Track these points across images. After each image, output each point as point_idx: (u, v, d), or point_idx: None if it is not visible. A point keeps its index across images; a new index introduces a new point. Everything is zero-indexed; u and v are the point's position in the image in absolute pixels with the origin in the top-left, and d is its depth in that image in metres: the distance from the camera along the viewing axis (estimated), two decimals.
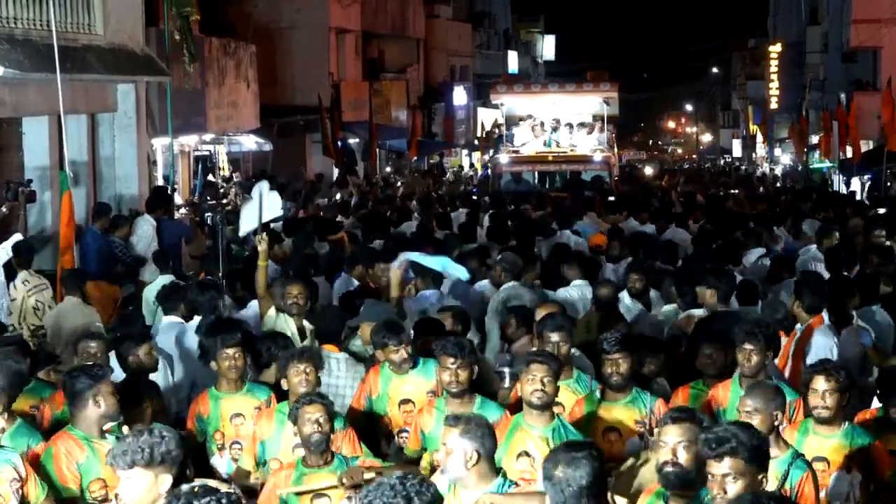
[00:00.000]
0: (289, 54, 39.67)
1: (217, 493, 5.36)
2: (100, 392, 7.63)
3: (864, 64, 47.93)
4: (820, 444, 7.75)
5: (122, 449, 6.13)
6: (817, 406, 7.81)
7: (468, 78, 62.35)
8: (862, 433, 7.93)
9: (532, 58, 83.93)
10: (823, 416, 7.79)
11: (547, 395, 7.88)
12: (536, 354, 8.21)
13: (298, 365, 8.47)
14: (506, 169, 29.48)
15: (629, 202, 22.80)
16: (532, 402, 7.88)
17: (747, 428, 6.20)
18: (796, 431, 7.89)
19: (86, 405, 7.66)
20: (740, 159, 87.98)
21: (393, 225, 19.53)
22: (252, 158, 38.17)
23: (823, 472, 7.64)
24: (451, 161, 56.71)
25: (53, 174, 18.73)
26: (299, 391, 8.41)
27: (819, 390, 7.80)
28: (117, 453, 6.14)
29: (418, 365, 9.34)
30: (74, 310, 13.14)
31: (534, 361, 7.96)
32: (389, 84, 48.78)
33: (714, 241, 16.43)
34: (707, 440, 6.03)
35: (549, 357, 8.13)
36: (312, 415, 7.61)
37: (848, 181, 38.79)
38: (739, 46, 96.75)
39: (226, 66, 31.10)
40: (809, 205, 23.53)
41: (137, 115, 22.74)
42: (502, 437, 7.86)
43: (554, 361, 8.05)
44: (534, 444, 7.83)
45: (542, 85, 37.15)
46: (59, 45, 15.79)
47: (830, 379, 7.80)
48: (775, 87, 74.67)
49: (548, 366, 7.91)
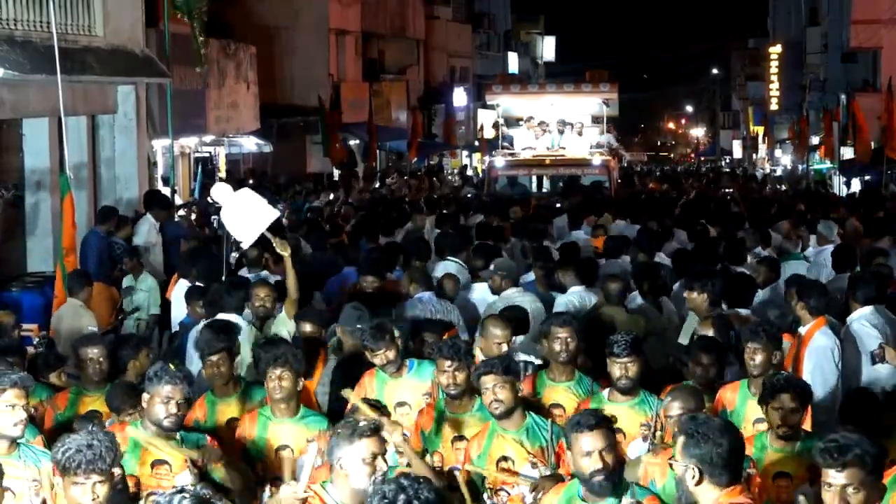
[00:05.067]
0: (288, 55, 39.70)
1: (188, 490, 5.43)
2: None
3: (863, 64, 47.97)
4: (780, 459, 7.65)
5: (92, 454, 6.09)
6: (781, 425, 7.68)
7: (468, 79, 62.38)
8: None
9: (532, 59, 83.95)
10: (787, 434, 7.70)
11: (503, 403, 7.84)
12: (483, 364, 8.15)
13: (274, 370, 8.42)
14: (501, 173, 28.32)
15: (625, 207, 22.35)
16: (494, 414, 7.89)
17: (864, 436, 5.95)
18: (751, 446, 7.68)
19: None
20: (741, 160, 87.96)
21: (390, 228, 19.40)
22: (252, 160, 38.22)
23: (787, 488, 7.57)
24: (452, 162, 56.73)
25: (53, 176, 18.74)
26: (275, 397, 8.35)
27: (785, 407, 7.69)
28: (90, 458, 6.11)
29: (413, 368, 9.31)
30: (75, 312, 13.15)
31: (483, 373, 7.93)
32: (389, 85, 48.79)
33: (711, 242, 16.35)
34: (827, 449, 5.77)
35: (496, 364, 8.04)
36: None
37: (848, 182, 38.80)
38: (739, 47, 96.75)
39: (225, 68, 31.15)
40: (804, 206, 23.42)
41: (137, 117, 22.75)
42: (481, 445, 7.91)
43: (500, 365, 7.98)
44: (511, 447, 7.85)
45: (540, 85, 36.84)
46: (59, 46, 15.77)
47: (796, 397, 7.70)
48: (775, 87, 74.71)
49: (495, 373, 7.86)
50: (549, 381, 9.06)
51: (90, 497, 5.98)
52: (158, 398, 7.58)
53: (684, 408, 7.50)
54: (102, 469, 6.00)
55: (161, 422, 7.59)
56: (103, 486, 6.03)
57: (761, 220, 19.12)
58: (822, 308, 10.41)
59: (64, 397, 9.18)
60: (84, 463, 5.96)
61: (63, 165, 17.41)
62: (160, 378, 7.60)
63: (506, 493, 7.83)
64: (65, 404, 9.09)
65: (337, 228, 19.42)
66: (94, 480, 6.00)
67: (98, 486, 6.01)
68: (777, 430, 7.74)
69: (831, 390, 9.95)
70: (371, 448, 6.53)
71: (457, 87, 59.41)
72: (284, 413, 8.41)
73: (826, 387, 9.87)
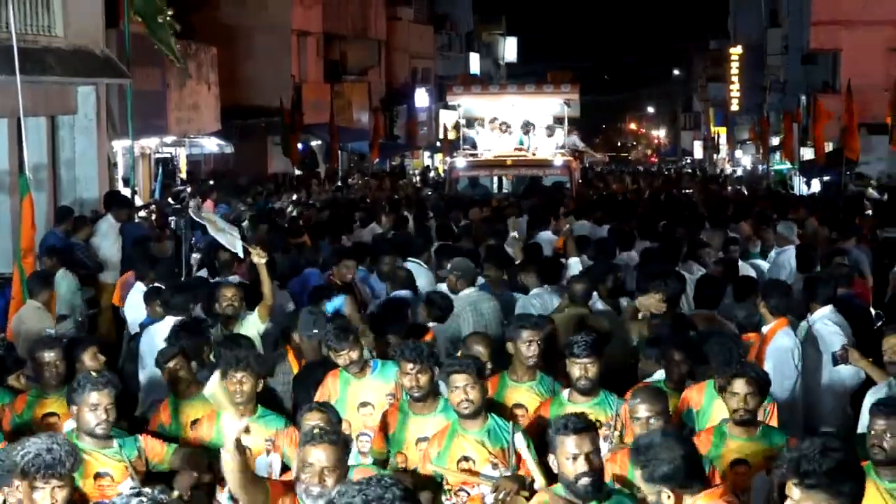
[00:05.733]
0: (250, 56, 39.60)
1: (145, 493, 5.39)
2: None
3: (823, 66, 48.22)
4: (739, 447, 7.73)
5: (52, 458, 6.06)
6: (738, 409, 7.80)
7: (430, 80, 62.42)
8: (778, 434, 7.98)
9: (494, 59, 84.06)
10: (744, 419, 7.80)
11: (473, 403, 7.84)
12: (454, 363, 8.13)
13: (235, 374, 8.37)
14: (462, 174, 28.11)
15: (587, 207, 22.38)
16: (462, 413, 7.88)
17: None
18: (712, 436, 7.88)
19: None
20: (701, 161, 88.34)
21: (352, 229, 19.38)
22: (213, 161, 38.12)
23: (745, 475, 7.66)
24: (414, 163, 56.74)
25: (13, 177, 18.63)
26: (236, 400, 8.16)
27: (740, 393, 7.81)
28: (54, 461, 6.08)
29: (376, 368, 9.29)
30: (33, 314, 13.07)
31: (453, 371, 7.91)
32: (351, 86, 48.74)
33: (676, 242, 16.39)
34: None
35: (468, 363, 8.04)
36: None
37: (808, 182, 39.02)
38: (700, 48, 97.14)
39: (187, 69, 31.01)
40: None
41: (98, 118, 22.64)
42: (441, 444, 7.90)
43: (473, 366, 7.99)
44: (472, 447, 7.84)
45: (501, 86, 36.63)
46: (19, 46, 15.67)
47: (752, 382, 7.83)
48: (736, 88, 75.12)
49: (467, 373, 7.86)
50: (512, 382, 9.08)
51: (49, 501, 5.94)
52: (86, 407, 7.57)
53: (651, 410, 7.56)
54: (62, 474, 5.96)
55: (93, 430, 7.56)
56: (62, 490, 5.99)
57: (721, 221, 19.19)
58: (783, 308, 10.46)
59: (22, 400, 9.11)
60: (43, 467, 5.92)
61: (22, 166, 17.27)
62: (83, 387, 7.58)
63: (466, 494, 7.82)
64: (23, 407, 9.02)
65: (298, 229, 19.37)
66: (54, 485, 5.96)
67: (57, 491, 5.97)
68: (733, 416, 7.84)
69: (790, 390, 10.01)
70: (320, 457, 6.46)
71: (419, 87, 59.46)
72: (244, 414, 8.37)
73: (785, 387, 9.91)
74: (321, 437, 6.48)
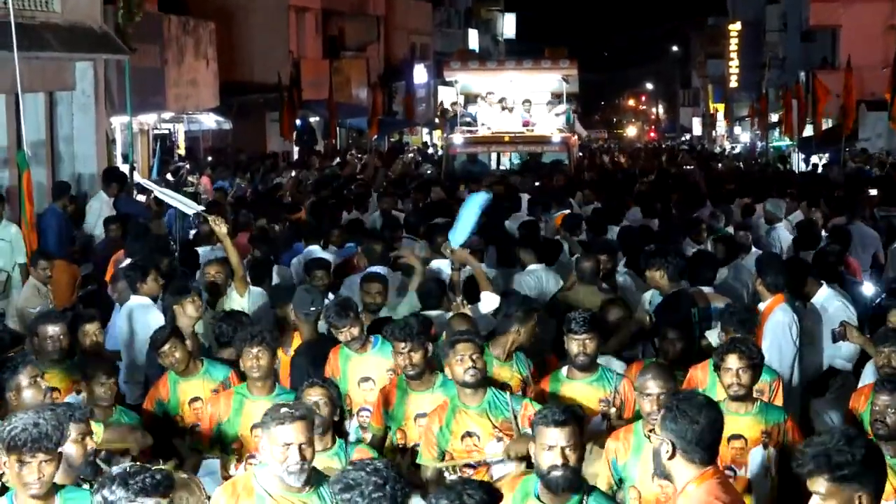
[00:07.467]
0: (248, 32, 39.46)
1: (148, 470, 5.41)
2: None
3: (822, 43, 48.18)
4: (735, 422, 7.66)
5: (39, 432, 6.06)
6: (732, 384, 7.80)
7: (428, 56, 62.24)
8: (774, 409, 7.99)
9: (492, 36, 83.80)
10: (739, 394, 7.80)
11: (479, 371, 7.88)
12: (461, 333, 8.21)
13: (251, 349, 8.42)
14: (460, 150, 27.92)
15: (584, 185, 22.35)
16: (467, 382, 7.87)
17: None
18: None
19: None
20: (700, 137, 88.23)
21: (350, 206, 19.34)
22: (211, 137, 38.08)
23: (742, 450, 7.67)
24: (413, 140, 56.65)
25: (11, 153, 18.61)
26: (253, 375, 8.39)
27: (733, 368, 7.81)
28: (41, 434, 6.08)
29: (377, 344, 9.31)
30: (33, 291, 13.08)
31: (459, 341, 7.95)
32: (349, 62, 48.61)
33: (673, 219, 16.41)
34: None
35: (474, 334, 8.19)
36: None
37: (807, 159, 39.01)
38: (699, 25, 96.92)
39: (185, 45, 30.97)
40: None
41: (96, 94, 22.57)
42: (443, 420, 7.92)
43: (479, 337, 8.12)
44: (474, 422, 7.87)
45: (499, 62, 36.43)
46: (17, 22, 15.65)
47: (743, 357, 7.82)
48: (735, 65, 75.04)
49: (473, 343, 7.92)
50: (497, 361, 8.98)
51: (36, 476, 5.94)
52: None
53: (663, 386, 7.42)
54: (48, 448, 5.95)
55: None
56: (49, 465, 5.97)
57: (720, 197, 19.19)
58: (780, 285, 10.47)
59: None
60: (30, 441, 5.92)
61: (21, 142, 17.29)
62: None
63: (471, 469, 7.84)
64: None
65: (296, 205, 19.37)
66: (41, 459, 5.95)
67: (44, 465, 5.96)
68: (728, 391, 7.83)
69: (788, 366, 10.03)
70: (293, 434, 6.43)
71: (417, 64, 59.29)
72: (261, 391, 8.43)
73: (783, 363, 9.93)
74: (292, 415, 6.46)
